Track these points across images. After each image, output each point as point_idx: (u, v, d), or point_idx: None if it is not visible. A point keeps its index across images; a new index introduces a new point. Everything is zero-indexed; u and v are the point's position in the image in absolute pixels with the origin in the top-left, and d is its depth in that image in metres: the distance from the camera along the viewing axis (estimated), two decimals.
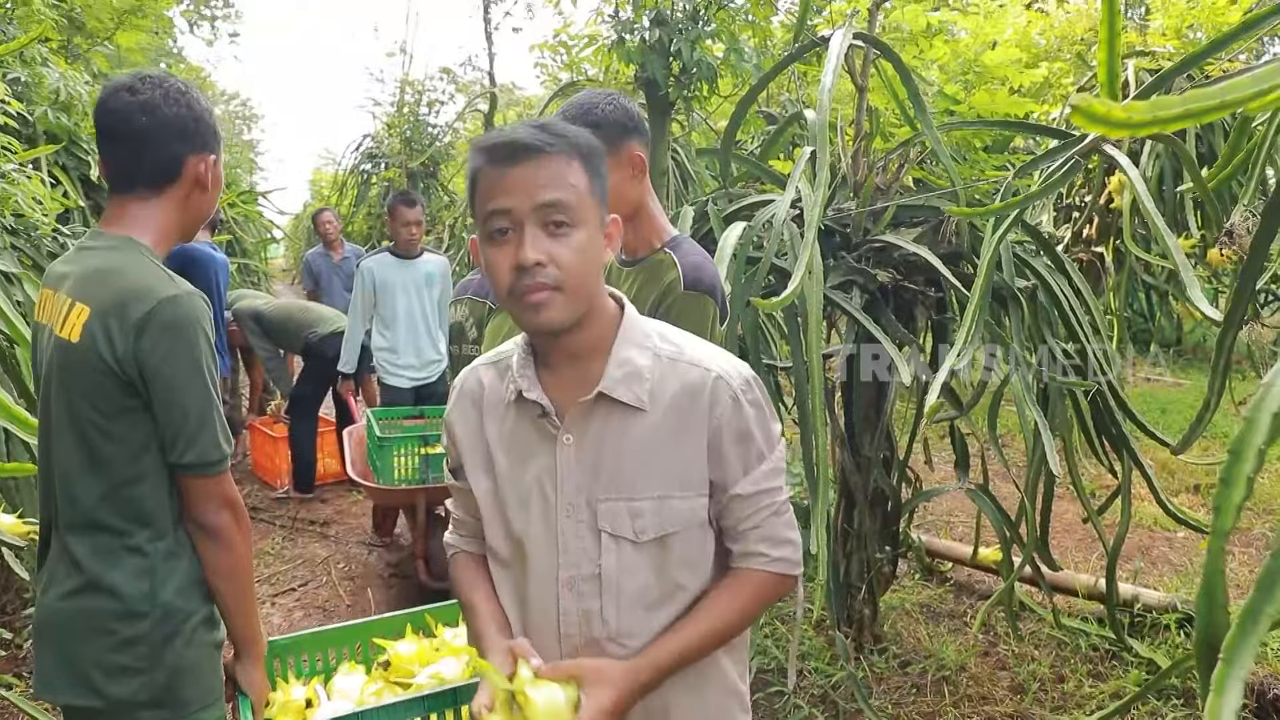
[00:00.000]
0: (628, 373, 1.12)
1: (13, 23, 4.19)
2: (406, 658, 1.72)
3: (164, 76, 1.48)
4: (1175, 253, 1.86)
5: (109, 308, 1.35)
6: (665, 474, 1.12)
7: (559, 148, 1.06)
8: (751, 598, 1.17)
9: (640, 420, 1.12)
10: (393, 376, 4.43)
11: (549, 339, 1.13)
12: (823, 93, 2.33)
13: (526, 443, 1.16)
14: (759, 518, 1.16)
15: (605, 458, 1.12)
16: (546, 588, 1.14)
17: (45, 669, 1.43)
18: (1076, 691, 2.96)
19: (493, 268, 1.07)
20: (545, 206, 1.04)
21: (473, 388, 1.22)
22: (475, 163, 1.09)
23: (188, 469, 1.39)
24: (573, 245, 1.06)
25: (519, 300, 1.06)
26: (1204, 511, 4.78)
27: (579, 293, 1.08)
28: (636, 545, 1.12)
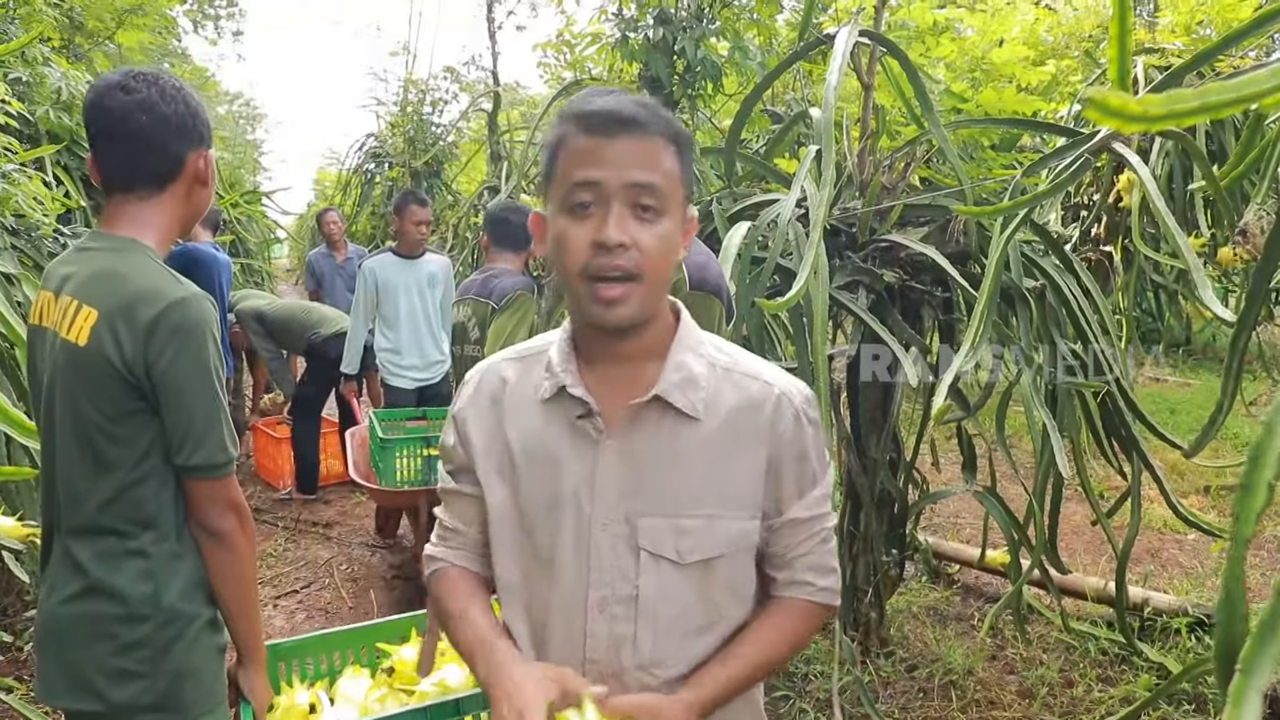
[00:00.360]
0: (684, 378, 1.04)
1: (14, 22, 4.19)
2: (410, 663, 1.71)
3: (156, 73, 1.47)
4: (1186, 252, 1.83)
5: (117, 311, 1.34)
6: (717, 491, 1.04)
7: (660, 128, 0.99)
8: (798, 629, 1.10)
9: (693, 430, 1.04)
10: (396, 377, 4.42)
11: (603, 337, 1.04)
12: (828, 90, 2.31)
13: (558, 446, 1.05)
14: (809, 545, 1.10)
15: (651, 468, 1.03)
16: (573, 608, 1.04)
17: (47, 673, 1.42)
18: (1086, 696, 2.92)
19: (566, 242, 0.98)
20: (637, 187, 0.97)
21: (493, 384, 1.11)
22: (565, 129, 1.00)
23: (194, 471, 1.38)
24: (658, 233, 0.98)
25: (591, 284, 0.98)
26: (1214, 514, 4.74)
27: (655, 287, 1.01)
28: (679, 567, 1.03)
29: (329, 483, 5.33)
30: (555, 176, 1.01)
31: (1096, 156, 2.06)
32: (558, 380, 1.05)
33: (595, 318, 1.00)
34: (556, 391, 1.05)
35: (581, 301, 1.00)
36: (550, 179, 1.02)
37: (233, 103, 22.87)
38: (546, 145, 1.04)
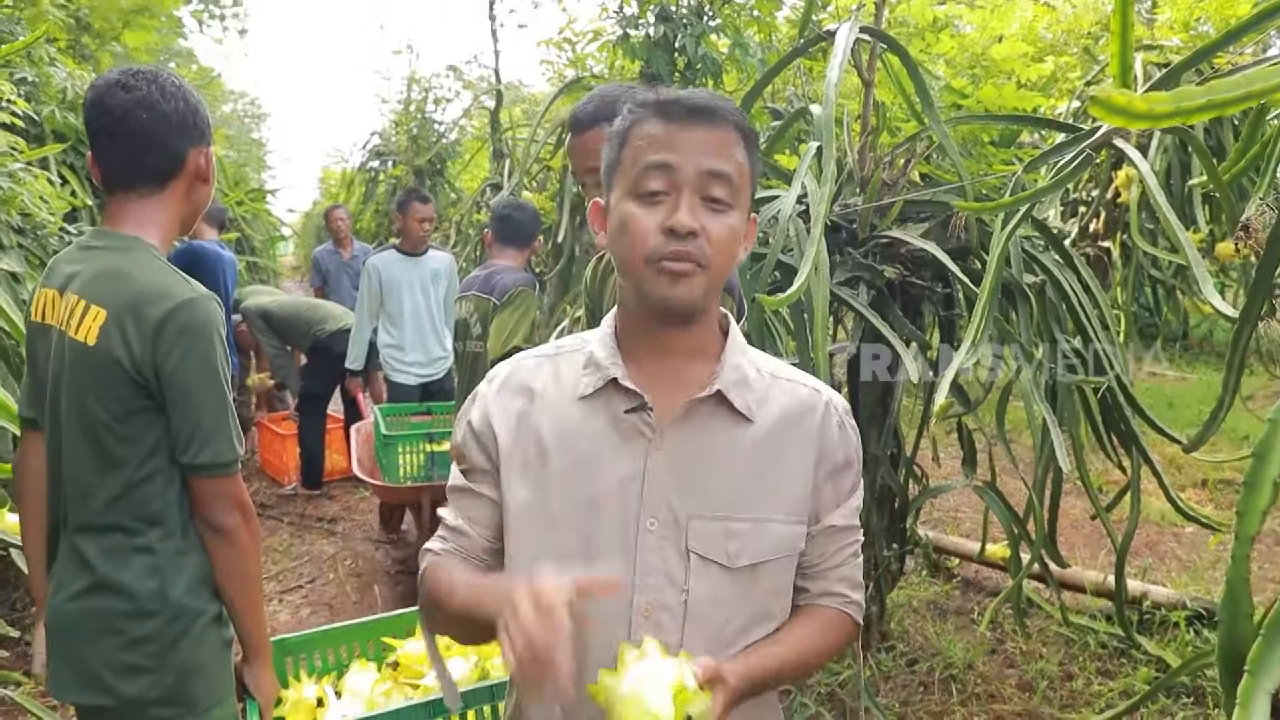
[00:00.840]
0: (740, 378, 1.03)
1: (20, 22, 4.20)
2: (415, 657, 1.72)
3: (155, 70, 1.47)
4: (1187, 246, 1.84)
5: (125, 311, 1.35)
6: (767, 494, 1.02)
7: (733, 119, 0.99)
8: (830, 638, 1.08)
9: (746, 432, 1.02)
10: (399, 374, 4.44)
11: (656, 329, 1.02)
12: (829, 87, 2.32)
13: (599, 444, 1.01)
14: (843, 555, 1.09)
15: (702, 470, 1.00)
16: (615, 617, 0.98)
17: (57, 669, 1.44)
18: (1085, 689, 2.94)
19: (634, 225, 0.96)
20: (711, 175, 0.96)
21: (521, 380, 1.07)
22: (637, 116, 1.00)
23: (201, 470, 1.40)
24: (728, 224, 0.97)
25: (657, 266, 0.96)
26: (1211, 507, 4.77)
27: (718, 280, 0.99)
28: (727, 571, 1.00)
29: (333, 478, 5.35)
30: (623, 163, 1.00)
31: (1099, 152, 2.08)
32: (606, 374, 1.02)
33: (657, 296, 0.97)
34: (602, 386, 1.02)
35: (644, 283, 0.98)
36: (617, 166, 1.01)
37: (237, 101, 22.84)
38: (613, 134, 1.03)
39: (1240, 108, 0.81)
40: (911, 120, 3.10)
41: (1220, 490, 5.05)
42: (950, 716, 2.81)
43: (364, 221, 8.76)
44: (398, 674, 1.71)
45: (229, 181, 7.87)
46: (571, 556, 0.99)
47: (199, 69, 12.24)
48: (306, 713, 1.61)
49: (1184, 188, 3.91)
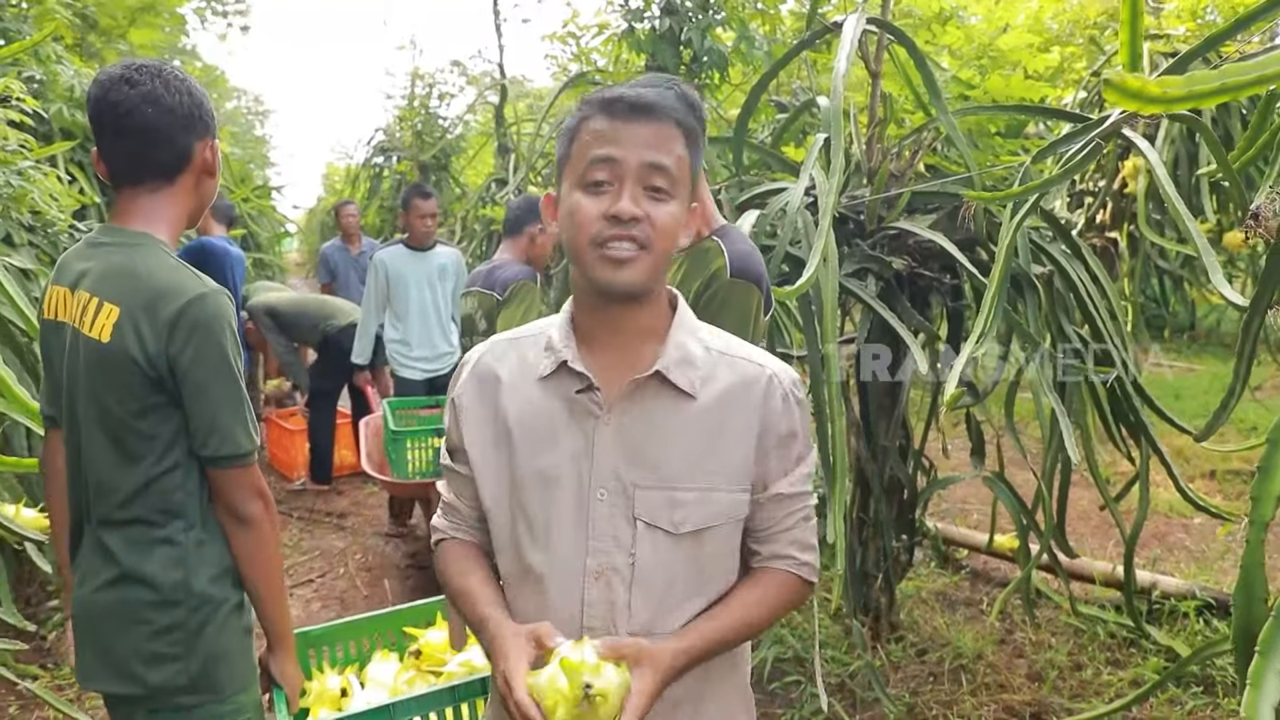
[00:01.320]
0: (683, 357, 1.10)
1: (28, 21, 4.21)
2: (437, 646, 1.74)
3: (159, 64, 1.47)
4: (1197, 236, 1.84)
5: (139, 308, 1.36)
6: (710, 465, 1.09)
7: (674, 116, 1.07)
8: (778, 597, 1.15)
9: (689, 407, 1.09)
10: (405, 368, 4.46)
11: (605, 311, 1.10)
12: (836, 78, 2.32)
13: (556, 421, 1.10)
14: (792, 520, 1.15)
15: (648, 443, 1.08)
16: (571, 577, 1.08)
17: (86, 660, 1.46)
18: (1095, 679, 2.95)
19: (579, 213, 1.04)
20: (651, 167, 1.04)
21: (489, 365, 1.17)
22: (585, 113, 1.07)
23: (219, 461, 1.41)
24: (668, 210, 1.05)
25: (601, 251, 1.04)
26: (1220, 498, 4.76)
27: (660, 262, 1.07)
28: (673, 537, 1.08)
29: (342, 473, 5.38)
30: (572, 156, 1.08)
31: (1108, 141, 2.08)
32: (559, 356, 1.10)
33: (603, 280, 1.05)
34: (556, 368, 1.10)
35: (590, 269, 1.05)
36: (566, 160, 1.09)
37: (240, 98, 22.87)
38: (565, 129, 1.10)
39: (1252, 92, 0.81)
40: (918, 111, 3.10)
41: (1228, 481, 5.04)
42: (960, 706, 2.81)
43: (369, 217, 8.78)
44: (420, 662, 1.73)
45: (235, 179, 7.89)
46: (535, 525, 1.10)
47: (203, 66, 12.25)
48: (331, 703, 1.63)
49: (1191, 178, 3.90)
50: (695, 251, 1.69)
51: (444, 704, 1.52)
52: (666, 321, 1.13)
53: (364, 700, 1.63)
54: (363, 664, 1.82)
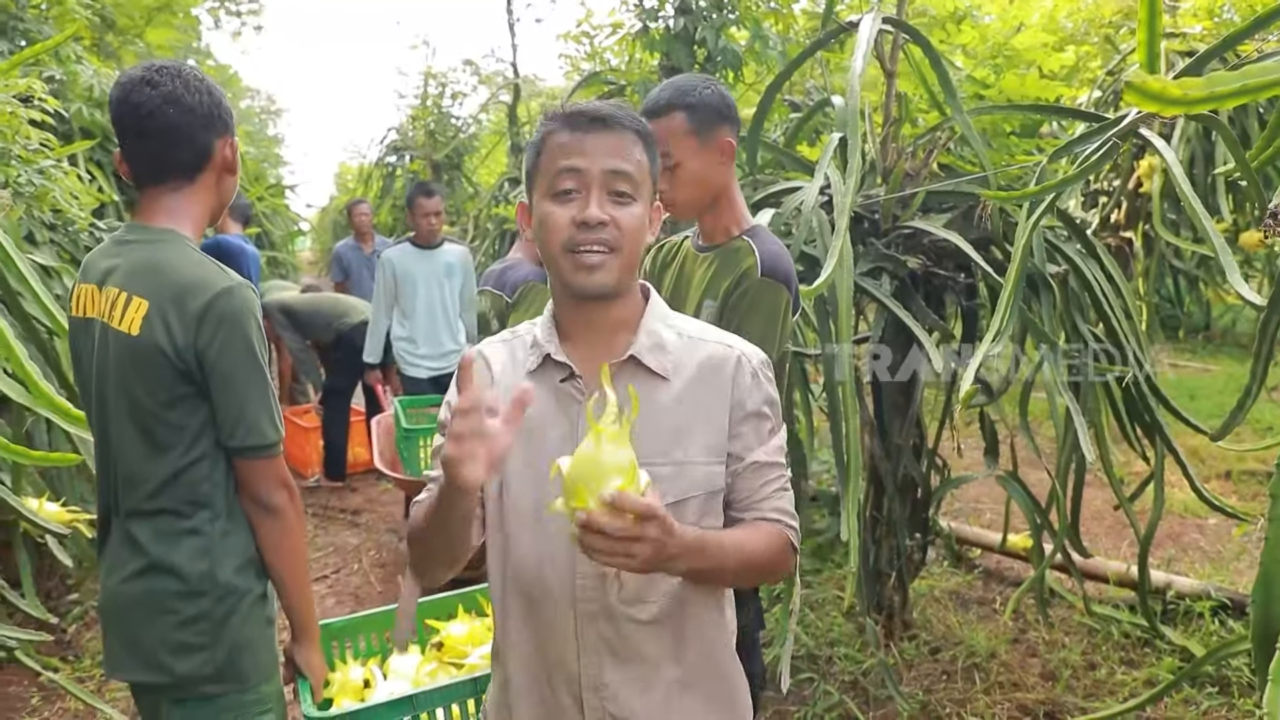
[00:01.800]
0: (655, 343, 1.18)
1: (48, 22, 4.26)
2: (459, 638, 1.77)
3: (178, 65, 1.50)
4: (1214, 236, 1.84)
5: (168, 301, 1.39)
6: (686, 441, 1.16)
7: (630, 125, 1.15)
8: (767, 541, 1.19)
9: (663, 389, 1.17)
10: (411, 366, 4.49)
11: (581, 309, 1.17)
12: (853, 77, 2.32)
13: (543, 411, 1.17)
14: (770, 489, 1.21)
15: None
16: (562, 553, 1.14)
17: (113, 650, 1.49)
18: (1109, 679, 2.95)
19: (550, 221, 1.12)
20: (614, 174, 1.12)
21: (489, 356, 1.24)
22: (549, 127, 1.15)
23: (246, 452, 1.44)
24: (633, 213, 1.13)
25: (573, 256, 1.11)
26: (1235, 498, 4.74)
27: (630, 261, 1.15)
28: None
29: (356, 470, 5.41)
30: (540, 168, 1.16)
31: (1125, 140, 2.08)
32: (542, 350, 1.18)
33: (577, 285, 1.13)
34: (542, 361, 1.18)
35: (564, 274, 1.13)
36: (535, 171, 1.17)
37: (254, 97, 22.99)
38: (531, 143, 1.19)
39: (1273, 93, 0.82)
40: (932, 111, 3.10)
41: (1244, 481, 5.01)
42: (973, 705, 2.82)
43: (381, 216, 8.81)
44: (442, 654, 1.76)
45: (249, 177, 7.94)
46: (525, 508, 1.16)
47: (217, 65, 12.33)
48: (354, 693, 1.65)
49: (1207, 177, 3.88)
50: (726, 250, 1.71)
51: (466, 695, 1.54)
52: (640, 312, 1.21)
53: (387, 691, 1.66)
54: (384, 656, 1.85)
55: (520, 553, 1.17)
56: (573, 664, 1.15)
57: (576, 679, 1.15)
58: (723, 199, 1.75)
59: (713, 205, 1.75)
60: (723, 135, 1.71)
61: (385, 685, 1.69)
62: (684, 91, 1.68)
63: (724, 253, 1.71)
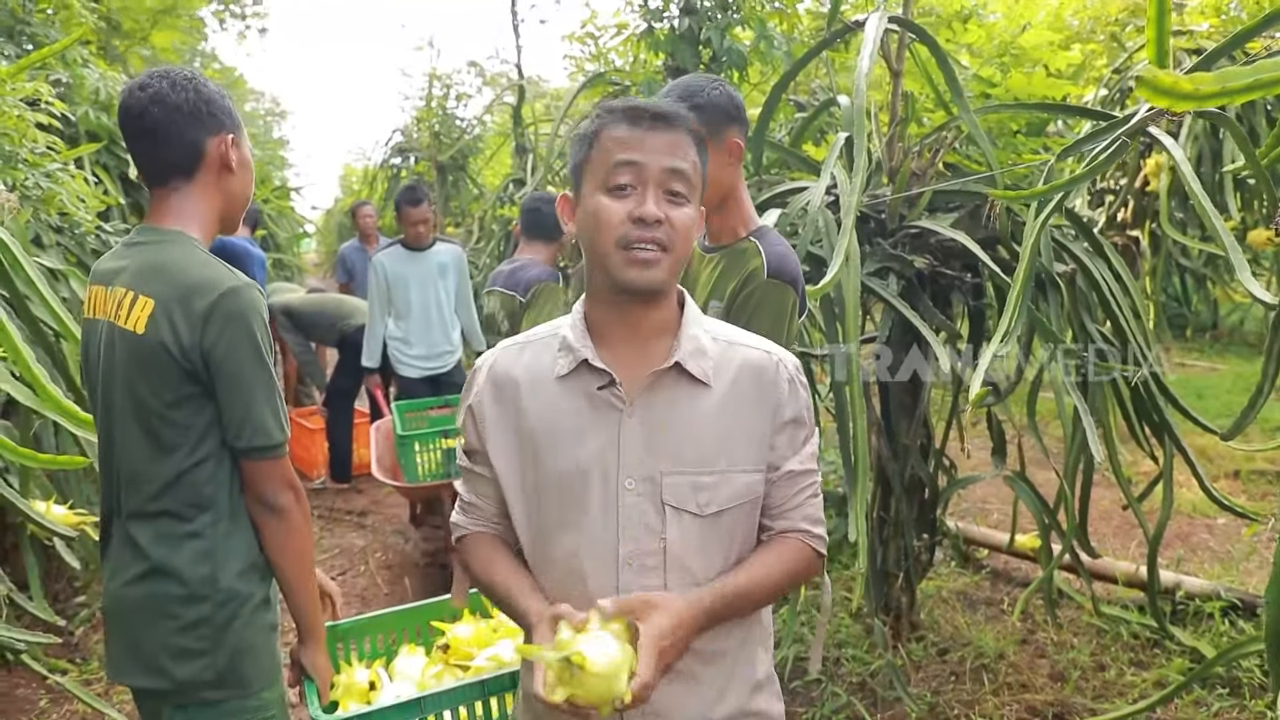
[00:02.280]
0: (696, 348, 1.16)
1: (55, 26, 4.27)
2: (465, 640, 1.76)
3: (171, 68, 1.52)
4: (1224, 235, 1.83)
5: (174, 300, 1.39)
6: (729, 448, 1.14)
7: (688, 125, 1.14)
8: (794, 563, 1.19)
9: (704, 395, 1.15)
10: (405, 366, 4.49)
11: (622, 310, 1.15)
12: (859, 77, 2.32)
13: (579, 418, 1.14)
14: (803, 496, 1.21)
15: (670, 432, 1.13)
16: (605, 566, 1.12)
17: (115, 654, 1.48)
18: (1118, 680, 2.93)
19: (604, 214, 1.10)
20: (672, 172, 1.11)
21: (505, 369, 1.20)
22: (605, 121, 1.13)
23: (252, 452, 1.43)
24: (686, 214, 1.12)
25: (627, 252, 1.09)
26: (1244, 497, 4.71)
27: (679, 262, 1.13)
28: (699, 518, 1.13)
29: (362, 472, 5.40)
30: (592, 161, 1.13)
31: (1135, 139, 2.06)
32: (577, 356, 1.15)
33: (627, 280, 1.10)
34: (575, 367, 1.14)
35: (615, 269, 1.11)
36: (586, 163, 1.14)
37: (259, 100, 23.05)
38: (582, 135, 1.16)
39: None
40: (938, 110, 3.09)
41: (1253, 481, 4.99)
42: (982, 706, 2.80)
43: (386, 218, 8.83)
44: (448, 656, 1.75)
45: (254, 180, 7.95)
46: (566, 518, 1.14)
47: (222, 68, 12.36)
48: (360, 695, 1.65)
49: (1215, 175, 3.86)
50: (733, 251, 1.71)
51: (473, 698, 1.53)
52: (677, 317, 1.19)
53: (393, 693, 1.65)
54: (389, 658, 1.84)
55: (559, 566, 1.15)
56: None
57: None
58: (730, 200, 1.75)
59: (720, 206, 1.74)
60: (731, 136, 1.70)
61: (391, 687, 1.69)
62: (692, 92, 1.68)
63: (730, 254, 1.71)
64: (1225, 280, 5.37)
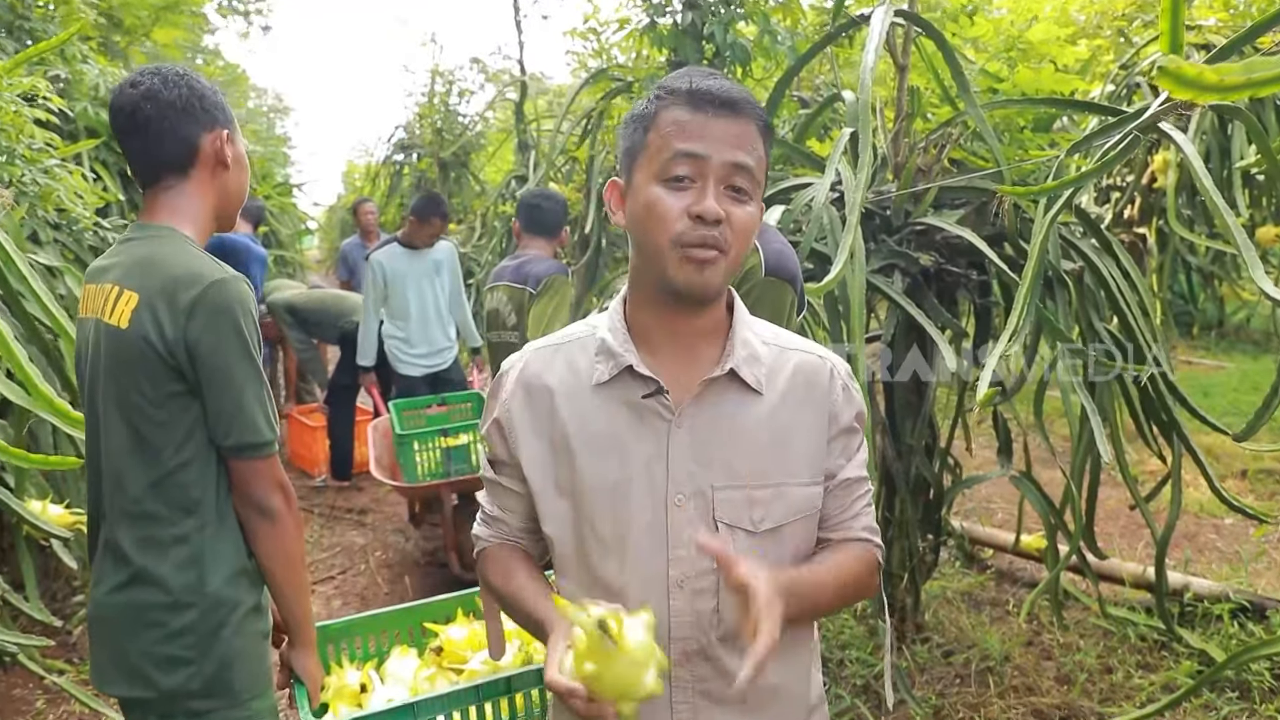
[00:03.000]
0: (750, 354, 1.08)
1: (54, 21, 4.24)
2: (458, 643, 1.73)
3: (161, 65, 1.50)
4: (1235, 231, 1.79)
5: (157, 293, 1.36)
6: (784, 461, 1.07)
7: (756, 115, 1.02)
8: (860, 566, 1.11)
9: (757, 404, 1.07)
10: (406, 365, 4.47)
11: (669, 313, 1.06)
12: (864, 72, 2.28)
13: (621, 428, 1.06)
14: (859, 505, 1.14)
15: (721, 443, 1.05)
16: (651, 588, 1.03)
17: (99, 662, 1.45)
18: (1125, 683, 2.90)
19: (660, 208, 0.99)
20: (736, 167, 1.00)
21: (536, 373, 1.10)
22: (666, 102, 1.02)
23: (239, 451, 1.40)
24: (748, 212, 1.02)
25: (684, 251, 0.99)
26: (1252, 497, 4.67)
27: (735, 265, 1.04)
28: (753, 536, 1.05)
29: (362, 470, 5.38)
30: (648, 147, 1.02)
31: (1146, 134, 2.03)
32: (620, 361, 1.06)
33: (681, 281, 1.01)
34: (618, 373, 1.05)
35: (668, 268, 1.01)
36: (641, 149, 1.03)
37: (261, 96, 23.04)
38: (637, 116, 1.05)
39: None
40: (945, 105, 3.05)
41: (1261, 480, 4.95)
42: (987, 709, 2.77)
43: (389, 215, 8.81)
44: (441, 659, 1.72)
45: (256, 176, 7.94)
46: (606, 538, 1.05)
47: (224, 65, 12.34)
48: (351, 698, 1.62)
49: (1223, 171, 3.82)
50: None
51: (467, 703, 1.50)
52: (726, 319, 1.11)
53: (384, 696, 1.62)
54: (381, 660, 1.80)
55: (600, 589, 1.05)
56: (663, 715, 1.05)
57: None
58: None
59: None
60: None
61: (382, 690, 1.66)
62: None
63: None
64: (1232, 278, 5.32)
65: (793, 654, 1.11)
